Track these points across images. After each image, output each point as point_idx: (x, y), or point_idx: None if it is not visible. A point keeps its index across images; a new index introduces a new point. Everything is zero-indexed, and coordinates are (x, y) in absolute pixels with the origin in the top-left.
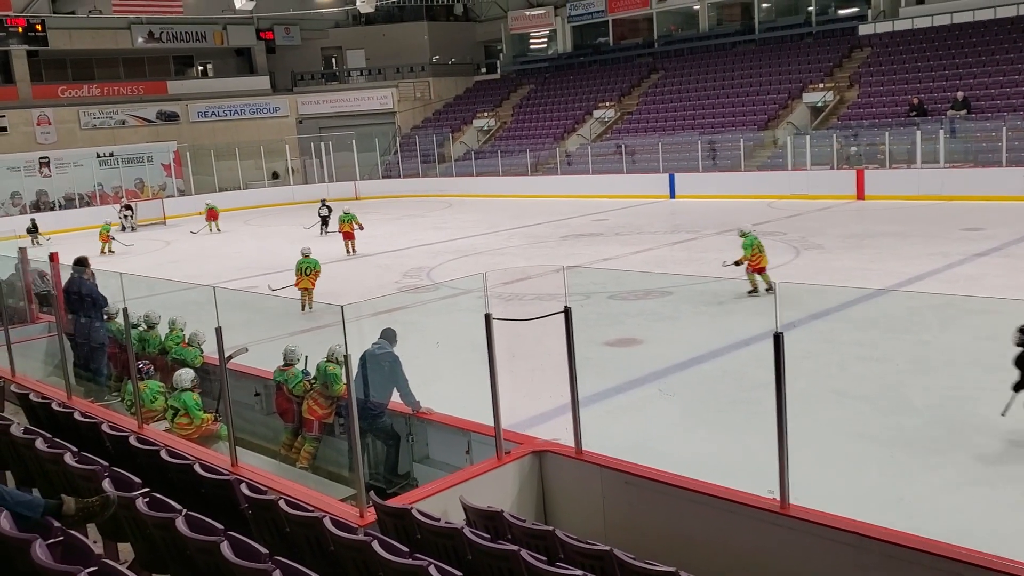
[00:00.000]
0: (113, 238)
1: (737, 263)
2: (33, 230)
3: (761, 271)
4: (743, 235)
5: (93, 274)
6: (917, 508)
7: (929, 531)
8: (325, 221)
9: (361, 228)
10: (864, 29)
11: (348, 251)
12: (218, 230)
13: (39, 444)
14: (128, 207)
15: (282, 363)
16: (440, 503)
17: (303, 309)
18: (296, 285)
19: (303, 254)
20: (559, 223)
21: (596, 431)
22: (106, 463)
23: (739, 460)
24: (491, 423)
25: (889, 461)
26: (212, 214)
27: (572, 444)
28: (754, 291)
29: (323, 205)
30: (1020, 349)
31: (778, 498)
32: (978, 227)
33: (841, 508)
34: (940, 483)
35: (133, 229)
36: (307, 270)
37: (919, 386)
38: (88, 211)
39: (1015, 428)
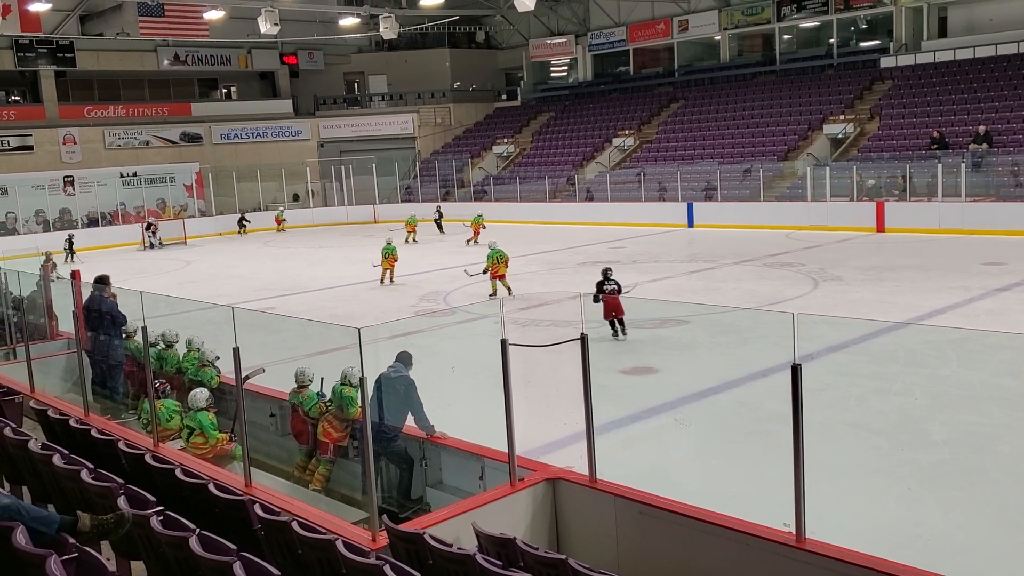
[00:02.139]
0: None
1: (484, 271)
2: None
3: (500, 278)
4: (490, 247)
5: (114, 294)
6: (935, 545)
7: (947, 569)
8: (439, 224)
9: (484, 227)
10: (886, 62)
11: (470, 242)
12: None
13: (56, 460)
14: (157, 225)
15: (295, 385)
16: (452, 529)
17: (382, 282)
18: (381, 264)
19: (387, 242)
20: (576, 250)
21: (611, 460)
22: (121, 481)
23: (754, 492)
24: (505, 449)
25: (907, 496)
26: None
27: (586, 472)
28: (493, 294)
29: (437, 211)
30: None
31: (794, 531)
32: (999, 262)
33: (857, 543)
34: (959, 520)
35: (161, 245)
36: (387, 254)
37: (938, 421)
38: (111, 230)
39: None
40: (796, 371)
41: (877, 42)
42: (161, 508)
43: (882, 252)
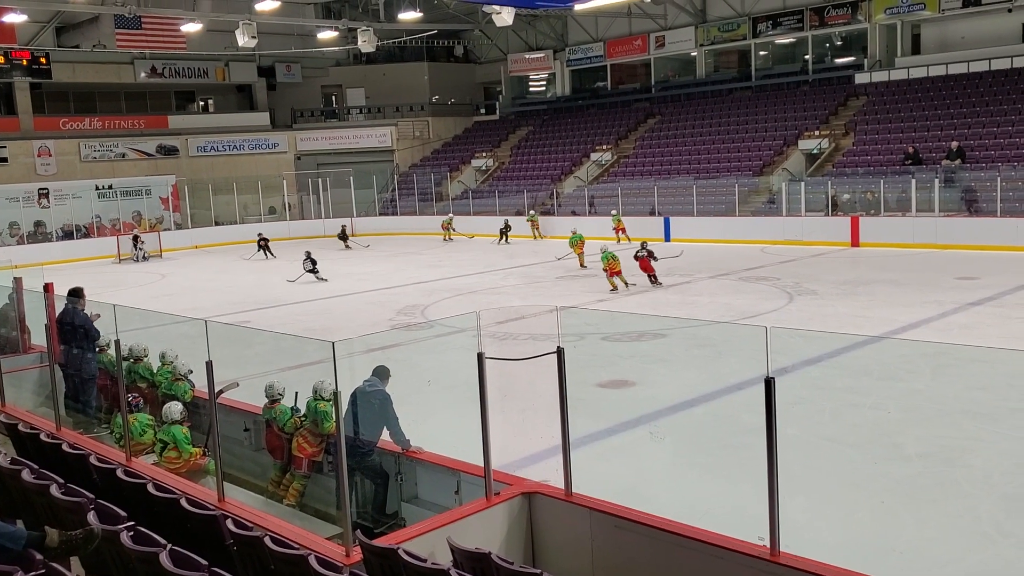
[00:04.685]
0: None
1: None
2: (344, 237)
3: (617, 274)
4: (602, 250)
5: (98, 314)
6: (909, 558)
7: None
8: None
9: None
10: (860, 78)
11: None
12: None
13: (25, 475)
14: (143, 238)
15: (267, 401)
16: (427, 544)
17: (582, 266)
18: (574, 251)
19: (572, 231)
20: (554, 264)
21: (586, 473)
22: (92, 496)
23: (729, 505)
24: (481, 463)
25: (880, 509)
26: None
27: (562, 486)
28: (614, 289)
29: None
30: None
31: (768, 545)
32: (972, 276)
33: (832, 556)
34: (932, 533)
35: (145, 259)
36: (574, 242)
37: (911, 435)
38: (86, 243)
39: (1008, 480)
40: (769, 384)
41: (851, 59)
42: (132, 523)
43: (856, 266)
